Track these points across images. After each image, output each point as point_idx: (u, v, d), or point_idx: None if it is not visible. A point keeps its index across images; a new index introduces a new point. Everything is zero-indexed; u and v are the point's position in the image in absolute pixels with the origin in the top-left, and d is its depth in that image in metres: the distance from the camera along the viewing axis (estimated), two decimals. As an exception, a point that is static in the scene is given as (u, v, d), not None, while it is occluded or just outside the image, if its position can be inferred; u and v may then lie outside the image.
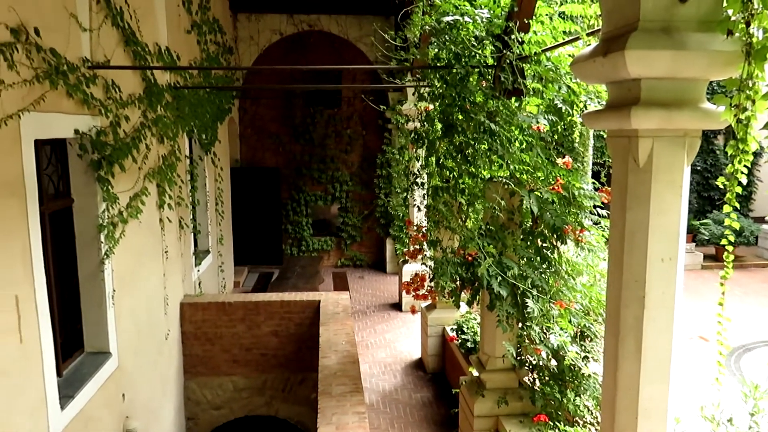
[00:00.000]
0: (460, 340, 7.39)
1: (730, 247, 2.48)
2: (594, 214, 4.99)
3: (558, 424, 4.62)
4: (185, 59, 8.12)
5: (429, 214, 5.32)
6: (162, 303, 6.76)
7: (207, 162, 9.71)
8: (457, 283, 4.72)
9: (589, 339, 5.05)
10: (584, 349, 4.96)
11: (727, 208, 2.35)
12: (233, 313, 7.64)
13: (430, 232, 5.45)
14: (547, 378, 5.01)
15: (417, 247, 5.73)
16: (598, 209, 4.97)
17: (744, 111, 2.16)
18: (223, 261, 10.98)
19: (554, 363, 5.03)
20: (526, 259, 4.61)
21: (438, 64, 4.89)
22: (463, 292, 4.83)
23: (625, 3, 2.49)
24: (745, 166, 2.24)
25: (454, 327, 7.73)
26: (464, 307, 7.86)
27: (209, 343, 7.70)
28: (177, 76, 7.49)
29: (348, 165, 14.93)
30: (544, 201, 4.49)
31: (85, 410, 4.64)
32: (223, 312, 7.63)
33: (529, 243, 4.72)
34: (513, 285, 4.36)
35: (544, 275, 4.62)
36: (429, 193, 5.23)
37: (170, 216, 7.02)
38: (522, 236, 4.73)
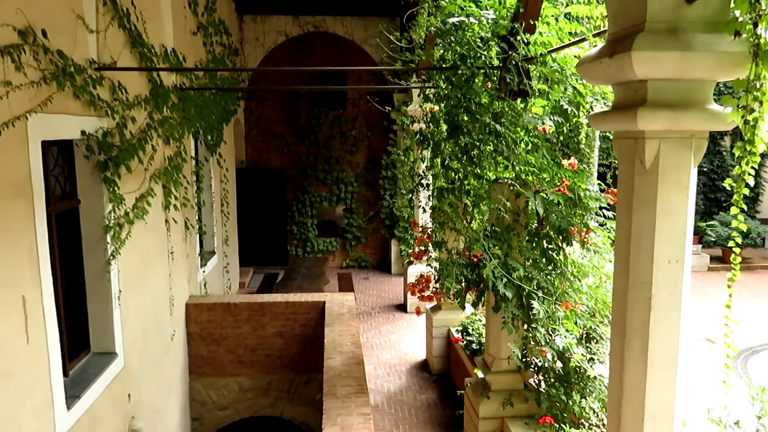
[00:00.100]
0: (465, 342, 7.38)
1: (738, 249, 2.47)
2: (600, 216, 4.98)
3: (563, 426, 4.60)
4: (191, 61, 8.15)
5: (434, 215, 5.31)
6: (168, 303, 6.79)
7: (212, 163, 9.74)
8: (463, 284, 4.71)
9: (595, 341, 5.03)
10: (590, 351, 4.95)
11: (734, 209, 2.35)
12: (238, 313, 7.65)
13: (435, 234, 5.44)
14: (552, 380, 4.99)
15: (422, 248, 5.72)
16: (603, 211, 4.96)
17: (751, 112, 2.16)
18: (229, 262, 11.00)
19: (560, 365, 5.01)
20: (531, 261, 4.60)
21: (443, 66, 4.88)
22: (469, 293, 4.83)
23: (632, 4, 2.49)
24: (752, 168, 2.23)
25: (459, 328, 7.72)
26: (469, 309, 7.85)
27: (214, 343, 7.71)
28: (183, 78, 7.52)
29: (353, 166, 14.93)
30: (549, 202, 4.48)
31: (91, 410, 4.66)
32: (229, 313, 7.65)
33: (534, 244, 4.71)
34: (518, 286, 4.36)
35: (549, 277, 4.61)
36: (434, 194, 5.23)
37: (176, 217, 7.04)
38: (527, 238, 4.72)
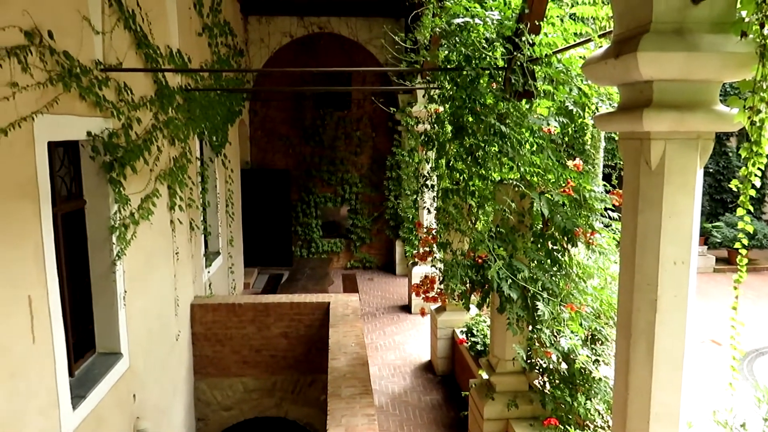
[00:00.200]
0: (469, 343, 7.37)
1: (744, 251, 2.46)
2: (605, 217, 4.96)
3: (568, 427, 4.59)
4: (196, 62, 8.17)
5: (439, 216, 5.31)
6: (173, 304, 6.80)
7: (217, 164, 9.76)
8: (467, 285, 4.71)
9: (600, 342, 5.01)
10: (595, 352, 4.93)
11: (740, 210, 2.34)
12: (243, 314, 7.66)
13: (440, 234, 5.44)
14: (557, 381, 4.98)
15: (427, 249, 5.72)
16: (609, 212, 4.94)
17: (758, 113, 2.15)
18: (233, 262, 11.02)
19: (565, 366, 5.00)
20: (536, 262, 4.59)
21: (448, 66, 4.88)
22: (473, 294, 4.82)
23: (638, 5, 2.48)
24: (758, 169, 2.22)
25: (464, 329, 7.71)
26: (474, 310, 7.83)
27: (219, 344, 7.73)
28: (188, 79, 7.54)
29: (358, 167, 14.94)
30: (554, 203, 4.47)
31: (96, 410, 4.67)
32: (233, 313, 7.66)
33: (539, 245, 4.70)
34: (523, 287, 4.35)
35: (554, 278, 4.60)
36: (439, 195, 5.22)
37: (181, 217, 7.06)
38: (532, 239, 4.72)
